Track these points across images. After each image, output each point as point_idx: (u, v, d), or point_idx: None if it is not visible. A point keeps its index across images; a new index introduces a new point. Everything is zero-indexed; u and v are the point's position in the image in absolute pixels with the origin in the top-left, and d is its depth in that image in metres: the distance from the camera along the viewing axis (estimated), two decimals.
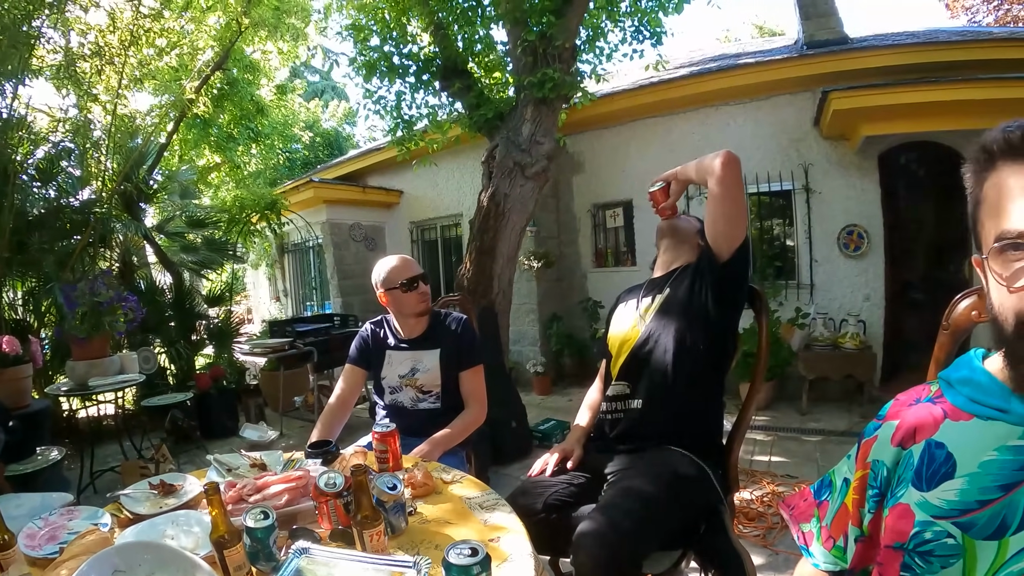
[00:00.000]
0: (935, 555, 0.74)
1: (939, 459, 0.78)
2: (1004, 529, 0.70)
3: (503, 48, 5.47)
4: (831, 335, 5.38)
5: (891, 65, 5.16)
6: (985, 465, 0.73)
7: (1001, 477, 0.71)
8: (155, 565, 1.08)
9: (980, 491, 0.72)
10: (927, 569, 0.74)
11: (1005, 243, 0.70)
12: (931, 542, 0.75)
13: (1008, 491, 0.70)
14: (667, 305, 1.85)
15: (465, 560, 0.94)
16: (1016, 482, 0.70)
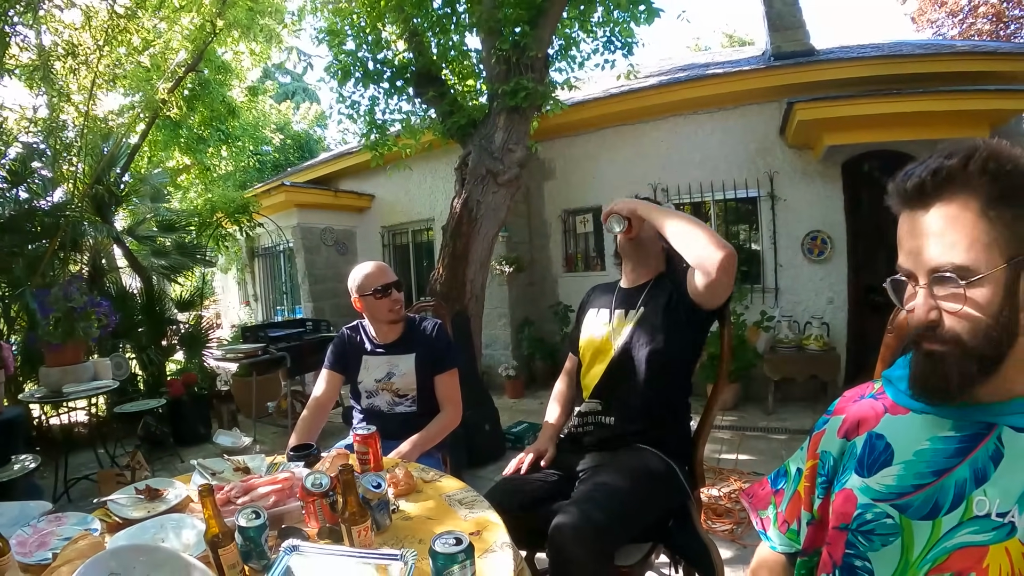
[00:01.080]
0: (876, 534, 0.83)
1: (879, 448, 0.88)
2: (937, 510, 0.79)
3: (477, 56, 5.53)
4: (796, 337, 5.56)
5: (856, 77, 5.35)
6: (919, 453, 0.83)
7: (934, 464, 0.81)
8: (150, 567, 1.09)
9: (915, 476, 0.82)
10: (869, 547, 0.83)
11: (895, 276, 0.85)
12: (872, 522, 0.84)
13: (939, 476, 0.80)
14: (641, 324, 1.89)
15: (451, 549, 1.02)
16: (947, 468, 0.80)
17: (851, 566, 0.85)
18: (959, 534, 0.76)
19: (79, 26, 6.04)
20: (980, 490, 0.76)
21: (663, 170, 6.43)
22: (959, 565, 0.75)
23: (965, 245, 0.74)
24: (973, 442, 0.79)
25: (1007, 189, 0.73)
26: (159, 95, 7.09)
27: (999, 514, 0.74)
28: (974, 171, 0.74)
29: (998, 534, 0.73)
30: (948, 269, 0.75)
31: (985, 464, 0.77)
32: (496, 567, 1.19)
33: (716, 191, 6.16)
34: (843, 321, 5.71)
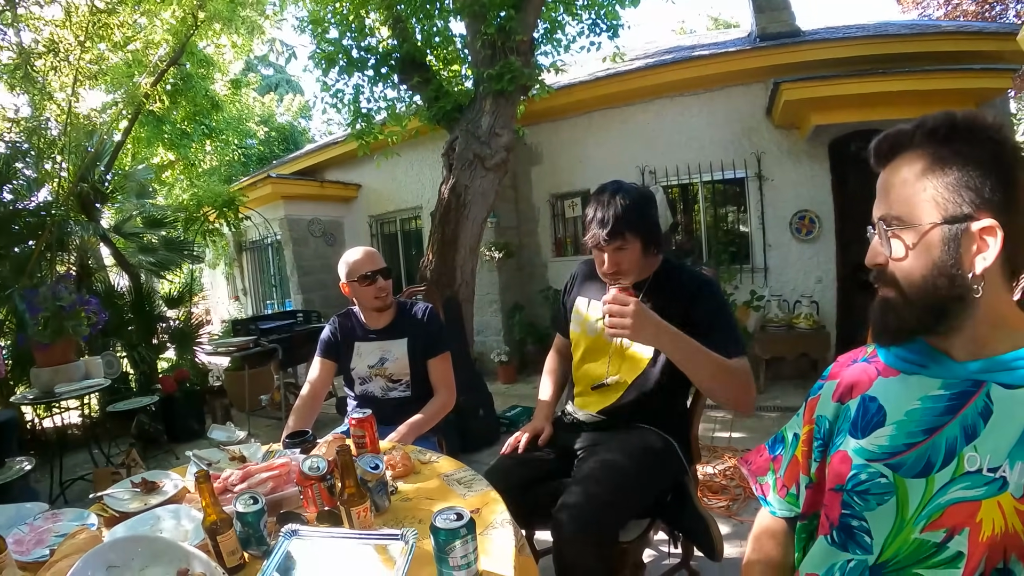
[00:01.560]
0: (871, 493, 0.85)
1: (872, 410, 0.90)
2: (930, 467, 0.81)
3: (462, 41, 5.49)
4: (785, 316, 5.59)
5: (842, 57, 5.35)
6: (910, 413, 0.85)
7: (924, 422, 0.83)
8: (149, 558, 1.09)
9: (907, 435, 0.84)
10: (864, 507, 0.85)
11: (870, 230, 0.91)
12: (866, 482, 0.86)
13: (930, 434, 0.82)
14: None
15: (452, 524, 1.02)
16: (937, 426, 0.82)
17: (848, 526, 0.87)
18: (952, 490, 0.78)
19: (59, 23, 5.95)
20: (971, 446, 0.78)
21: (650, 152, 6.42)
22: (953, 520, 0.77)
23: (903, 199, 0.83)
24: (962, 399, 0.81)
25: (948, 155, 0.79)
26: (141, 89, 6.99)
27: (990, 469, 0.75)
28: (920, 137, 0.82)
29: (990, 489, 0.75)
30: (885, 218, 0.84)
31: (975, 421, 0.79)
32: (498, 543, 1.20)
33: (704, 172, 6.16)
34: (832, 299, 5.75)
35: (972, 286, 0.79)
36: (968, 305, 0.80)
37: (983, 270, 0.78)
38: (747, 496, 3.19)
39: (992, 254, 0.77)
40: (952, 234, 0.78)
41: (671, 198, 6.43)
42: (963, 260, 0.79)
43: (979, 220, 0.77)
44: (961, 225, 0.78)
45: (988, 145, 0.79)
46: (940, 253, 0.80)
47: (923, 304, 0.82)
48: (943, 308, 0.81)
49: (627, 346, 1.82)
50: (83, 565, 1.03)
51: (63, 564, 1.13)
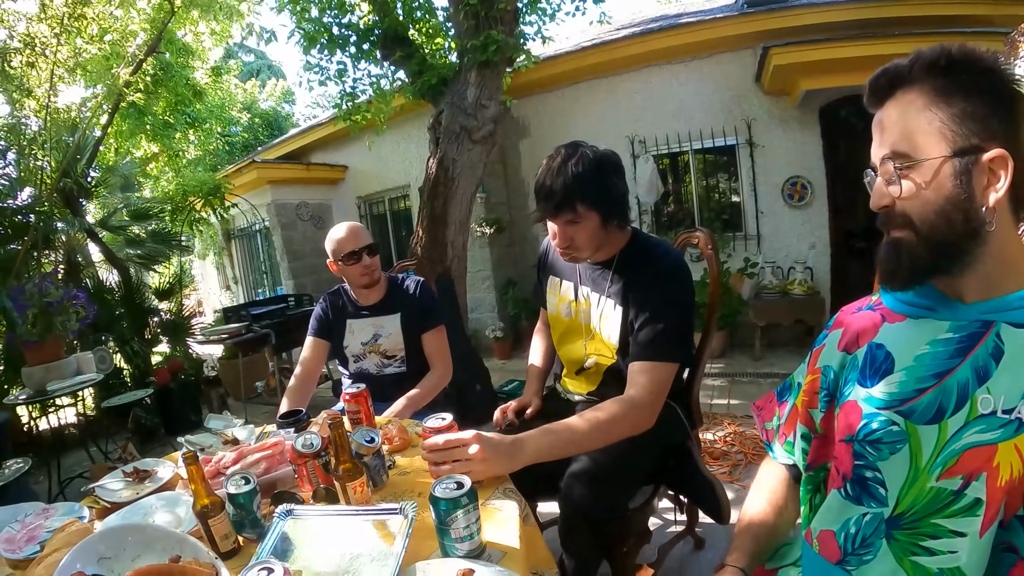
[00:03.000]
0: (883, 442, 0.82)
1: (880, 358, 0.87)
2: (942, 413, 0.78)
3: (444, 13, 5.38)
4: (780, 283, 5.58)
5: (832, 21, 5.26)
6: (920, 358, 0.83)
7: (934, 367, 0.81)
8: (140, 547, 1.06)
9: (917, 380, 0.82)
10: (878, 456, 0.82)
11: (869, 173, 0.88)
12: (878, 431, 0.83)
13: (941, 379, 0.80)
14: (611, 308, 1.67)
15: (453, 493, 0.98)
16: (947, 370, 0.79)
17: (862, 478, 0.84)
18: (966, 434, 0.76)
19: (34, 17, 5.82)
20: (983, 388, 0.76)
21: (639, 122, 6.35)
22: (969, 466, 0.74)
23: (905, 134, 0.80)
24: (972, 341, 0.79)
25: (950, 86, 0.77)
26: (121, 81, 6.86)
27: (1005, 411, 0.73)
28: (919, 70, 0.79)
29: (1006, 431, 0.73)
30: (889, 155, 0.81)
31: (986, 362, 0.77)
32: (501, 512, 1.16)
33: (694, 141, 6.10)
34: (826, 265, 5.73)
35: (986, 220, 0.76)
36: (982, 241, 0.78)
37: (995, 202, 0.76)
38: (748, 461, 3.19)
39: (1004, 185, 0.75)
40: (963, 167, 0.76)
41: (662, 168, 6.38)
42: (975, 193, 0.76)
43: (988, 151, 0.75)
44: (971, 157, 0.75)
45: (988, 75, 0.77)
46: (953, 187, 0.77)
47: (938, 242, 0.79)
48: (958, 245, 0.79)
49: (596, 330, 1.71)
50: (73, 558, 1.00)
51: (53, 558, 1.09)
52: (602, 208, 1.54)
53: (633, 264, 1.63)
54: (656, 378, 1.49)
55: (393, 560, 0.97)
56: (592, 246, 1.60)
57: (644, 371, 1.49)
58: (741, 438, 3.51)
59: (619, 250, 1.66)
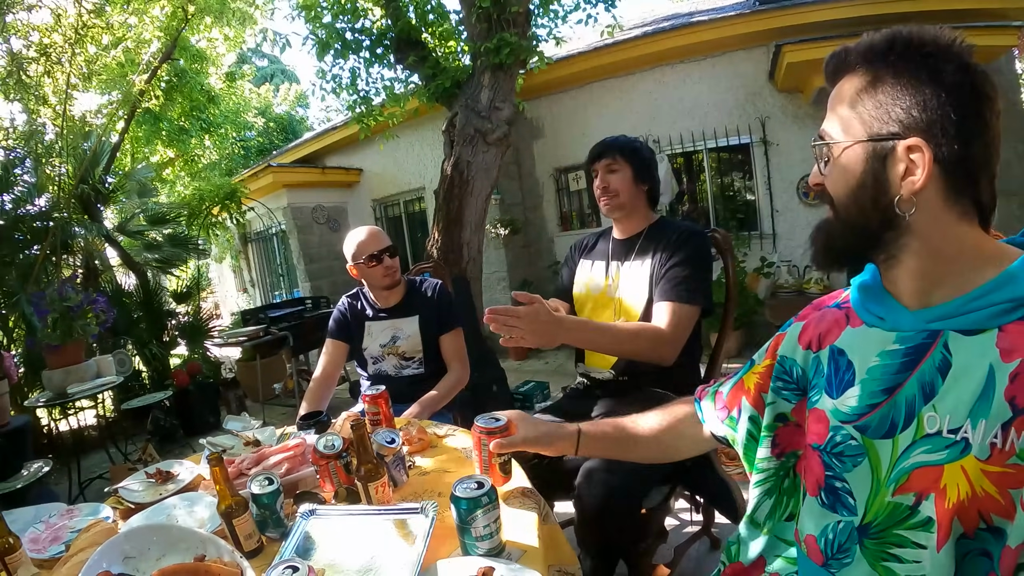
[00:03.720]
0: (846, 455, 0.81)
1: (843, 366, 0.85)
2: (893, 428, 0.76)
3: (456, 16, 5.41)
4: (796, 281, 5.53)
5: (844, 18, 5.21)
6: (871, 371, 0.80)
7: (884, 381, 0.78)
8: (165, 547, 1.07)
9: (869, 395, 0.80)
10: (843, 468, 0.82)
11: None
12: (840, 444, 0.82)
13: (890, 394, 0.77)
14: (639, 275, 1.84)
15: (473, 493, 0.99)
16: (896, 385, 0.77)
17: (833, 487, 0.84)
18: (914, 453, 0.73)
19: (49, 27, 5.91)
20: (929, 406, 0.73)
21: (653, 121, 6.34)
22: (918, 485, 0.72)
23: (836, 118, 0.81)
24: (918, 354, 0.75)
25: (883, 74, 0.76)
26: (136, 87, 6.95)
27: (950, 431, 0.70)
28: (856, 56, 0.80)
29: (951, 452, 0.69)
30: (816, 137, 0.83)
31: (933, 377, 0.73)
32: (521, 512, 1.17)
33: (708, 140, 6.09)
34: None
35: (900, 209, 0.74)
36: (903, 233, 0.76)
37: (910, 193, 0.73)
38: None
39: (921, 176, 0.72)
40: (876, 152, 0.75)
41: (676, 167, 6.36)
42: (888, 181, 0.75)
43: (907, 139, 0.73)
44: (887, 144, 0.74)
45: (928, 62, 0.73)
46: (863, 171, 0.77)
47: (851, 225, 0.80)
48: (872, 232, 0.78)
49: (624, 298, 1.86)
50: (99, 557, 1.01)
51: (79, 558, 1.11)
52: (634, 163, 1.85)
53: (659, 234, 1.85)
54: (679, 317, 1.66)
55: (414, 559, 0.98)
56: (626, 193, 1.86)
57: (668, 310, 1.67)
58: None
59: (646, 227, 1.90)
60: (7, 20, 5.59)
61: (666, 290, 1.70)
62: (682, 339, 1.65)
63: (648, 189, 1.89)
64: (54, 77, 5.89)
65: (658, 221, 1.92)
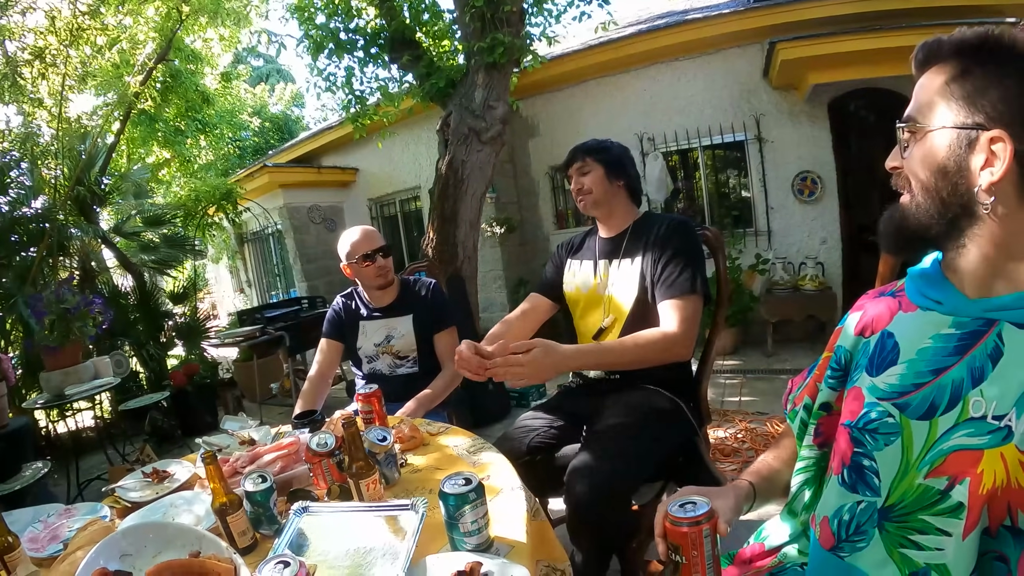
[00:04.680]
0: (879, 433, 0.83)
1: (888, 347, 0.87)
2: (933, 410, 0.78)
3: (450, 16, 5.42)
4: (791, 278, 5.56)
5: (839, 14, 5.21)
6: (921, 352, 0.82)
7: (933, 362, 0.80)
8: (161, 544, 1.09)
9: (915, 375, 0.81)
10: (874, 446, 0.83)
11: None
12: (875, 421, 0.83)
13: (937, 375, 0.79)
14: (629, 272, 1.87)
15: (461, 489, 1.01)
16: (945, 367, 0.78)
17: (859, 465, 0.85)
18: (954, 436, 0.75)
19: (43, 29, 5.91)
20: (977, 390, 0.74)
21: (647, 119, 6.35)
22: (954, 468, 0.73)
23: (922, 103, 0.82)
24: (972, 339, 0.77)
25: (973, 68, 0.77)
26: (131, 89, 6.94)
27: (995, 417, 0.72)
28: (948, 48, 0.80)
29: (993, 438, 0.71)
30: (905, 119, 0.83)
31: (983, 363, 0.75)
32: (509, 508, 1.19)
33: (703, 137, 6.10)
34: (837, 260, 5.70)
35: (980, 200, 0.75)
36: (976, 222, 0.77)
37: (989, 184, 0.74)
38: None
39: (1000, 168, 0.72)
40: (960, 140, 0.76)
41: (671, 165, 6.38)
42: (969, 169, 0.76)
43: (991, 131, 0.73)
44: (972, 132, 0.75)
45: (1017, 62, 0.75)
46: (945, 156, 0.78)
47: (927, 208, 0.81)
48: (948, 218, 0.79)
49: (615, 295, 1.88)
50: (96, 554, 1.03)
51: (77, 556, 1.12)
52: (604, 161, 1.92)
53: (645, 228, 1.90)
54: (685, 311, 1.69)
55: (404, 554, 0.99)
56: (600, 191, 1.91)
57: (674, 307, 1.70)
58: (752, 435, 3.51)
59: (631, 223, 1.94)
60: (1, 23, 5.58)
61: (665, 289, 1.73)
62: (693, 332, 1.69)
63: (624, 184, 1.93)
64: (49, 79, 5.88)
65: (643, 216, 1.96)
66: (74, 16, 5.91)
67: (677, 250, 1.76)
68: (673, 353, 1.65)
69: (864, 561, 0.82)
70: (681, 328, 1.66)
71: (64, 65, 5.72)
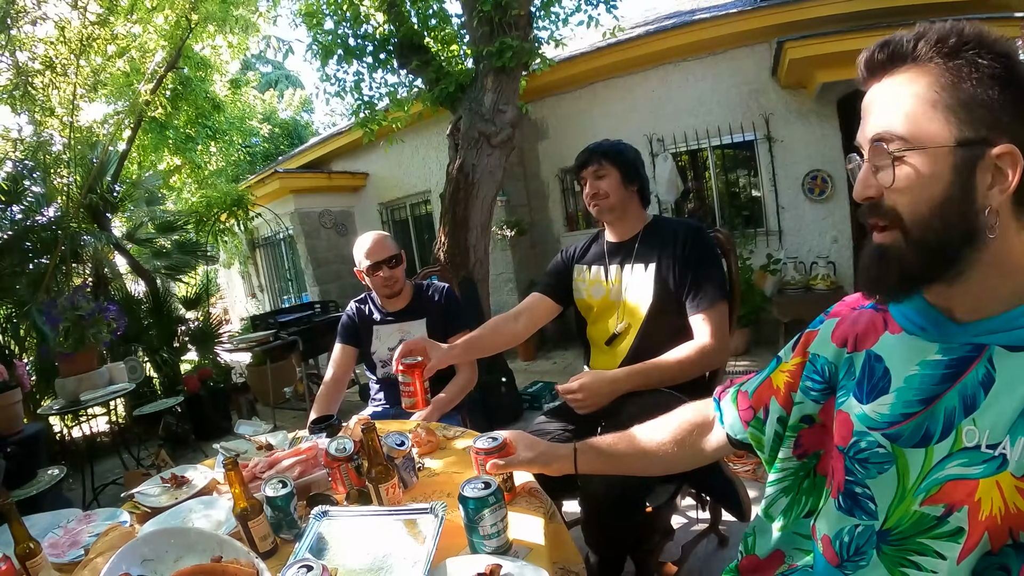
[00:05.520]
0: (871, 462, 0.80)
1: (878, 373, 0.83)
2: (928, 438, 0.75)
3: (458, 20, 5.44)
4: (803, 278, 5.53)
5: (846, 12, 5.19)
6: (909, 380, 0.78)
7: (922, 392, 0.76)
8: (182, 549, 1.10)
9: (904, 404, 0.78)
10: (866, 475, 0.81)
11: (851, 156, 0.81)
12: (866, 451, 0.81)
13: (928, 404, 0.75)
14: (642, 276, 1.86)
15: (480, 493, 1.02)
16: (935, 395, 0.75)
17: (852, 492, 0.83)
18: (949, 465, 0.72)
19: (54, 39, 5.99)
20: (969, 419, 0.71)
21: (657, 120, 6.35)
22: (951, 497, 0.71)
23: (906, 116, 0.70)
24: (962, 367, 0.73)
25: (963, 69, 0.68)
26: (142, 97, 7.01)
27: (989, 446, 0.69)
28: (925, 47, 0.70)
29: (988, 467, 0.68)
30: (883, 138, 0.71)
31: (975, 391, 0.71)
32: (527, 511, 1.20)
33: (712, 137, 6.09)
34: (849, 259, 5.66)
35: (988, 223, 0.67)
36: (978, 247, 0.69)
37: (999, 204, 0.67)
38: None
39: (1011, 185, 0.66)
40: (966, 159, 0.67)
41: (681, 165, 6.37)
42: (977, 191, 0.67)
43: (997, 145, 0.66)
44: (978, 149, 0.66)
45: (1003, 60, 0.67)
46: (952, 181, 0.68)
47: (930, 245, 0.70)
48: (953, 250, 0.69)
49: (628, 299, 1.89)
50: (118, 560, 1.04)
51: (98, 561, 1.14)
52: (620, 165, 1.89)
53: (657, 234, 1.90)
54: (716, 321, 1.74)
55: (424, 557, 1.00)
56: (616, 196, 1.90)
57: (705, 320, 1.74)
58: None
59: (642, 228, 1.94)
60: (12, 33, 5.65)
61: (696, 303, 1.76)
62: (727, 338, 1.77)
63: (638, 189, 1.94)
64: (60, 88, 5.96)
65: (653, 221, 1.96)
66: (83, 25, 5.97)
67: (700, 262, 1.79)
68: (712, 363, 1.75)
69: None
70: (716, 338, 1.71)
71: (75, 75, 5.78)
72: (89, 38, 6.10)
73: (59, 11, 5.95)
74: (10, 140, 5.69)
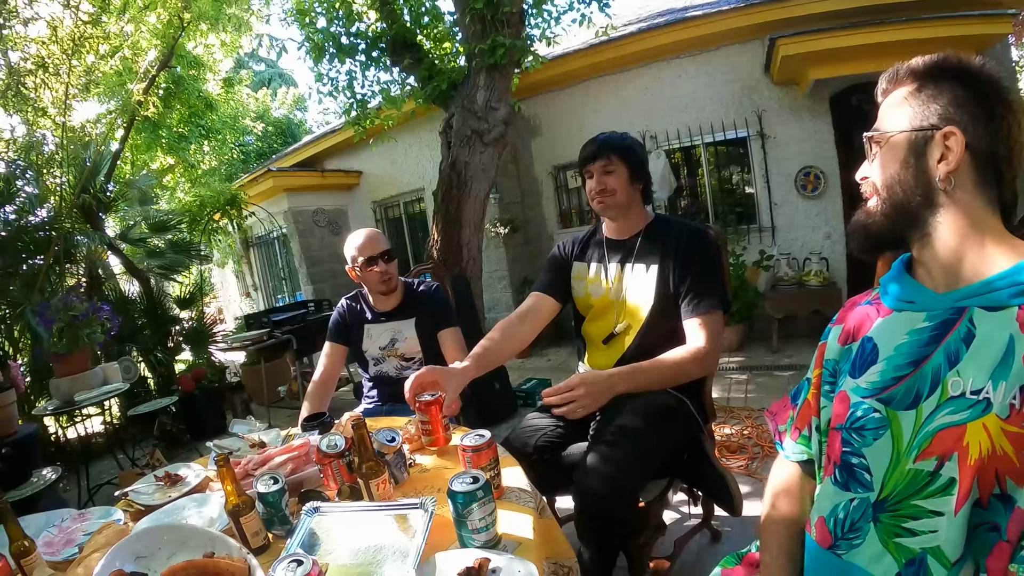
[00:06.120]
0: (867, 429, 0.87)
1: (868, 350, 0.93)
2: (918, 398, 0.82)
3: (451, 18, 5.44)
4: (795, 274, 5.56)
5: (838, 9, 5.22)
6: (899, 347, 0.88)
7: (911, 355, 0.85)
8: (176, 545, 1.11)
9: (895, 368, 0.87)
10: (862, 443, 0.87)
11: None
12: (862, 418, 0.87)
13: (917, 366, 0.84)
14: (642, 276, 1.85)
15: (468, 487, 1.03)
16: (923, 357, 0.84)
17: (849, 464, 0.89)
18: (937, 416, 0.79)
19: (46, 39, 5.96)
20: (954, 371, 0.79)
21: (650, 117, 6.36)
22: (941, 447, 0.78)
23: (884, 118, 0.93)
24: (945, 328, 0.83)
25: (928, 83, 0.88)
26: (135, 96, 6.99)
27: (973, 392, 0.76)
28: (905, 72, 0.91)
29: (974, 411, 0.76)
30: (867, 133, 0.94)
31: (957, 347, 0.80)
32: (516, 506, 1.21)
33: (705, 134, 6.10)
34: (842, 255, 5.69)
35: (939, 188, 0.84)
36: (938, 210, 0.86)
37: (947, 173, 0.83)
38: (765, 454, 3.20)
39: (954, 158, 0.82)
40: (919, 140, 0.86)
41: (674, 162, 6.38)
42: (927, 163, 0.85)
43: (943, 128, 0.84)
44: (927, 132, 0.85)
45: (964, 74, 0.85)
46: (906, 154, 0.87)
47: (894, 204, 0.89)
48: (913, 210, 0.88)
49: (629, 300, 1.87)
50: (112, 557, 1.05)
51: (92, 559, 1.14)
52: (630, 162, 1.84)
53: (659, 233, 1.87)
54: (711, 328, 1.73)
55: (414, 551, 1.01)
56: (623, 194, 1.85)
57: (701, 326, 1.73)
58: (758, 431, 3.51)
59: (644, 226, 1.90)
60: (3, 34, 5.63)
61: (694, 307, 1.75)
62: (720, 343, 1.78)
63: (643, 187, 1.89)
64: (52, 88, 5.94)
65: (656, 219, 1.92)
66: (76, 25, 5.95)
67: (701, 267, 1.78)
68: (703, 368, 1.74)
69: (861, 557, 0.85)
70: (710, 345, 1.71)
71: (67, 74, 5.76)
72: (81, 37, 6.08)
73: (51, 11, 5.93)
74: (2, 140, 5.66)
